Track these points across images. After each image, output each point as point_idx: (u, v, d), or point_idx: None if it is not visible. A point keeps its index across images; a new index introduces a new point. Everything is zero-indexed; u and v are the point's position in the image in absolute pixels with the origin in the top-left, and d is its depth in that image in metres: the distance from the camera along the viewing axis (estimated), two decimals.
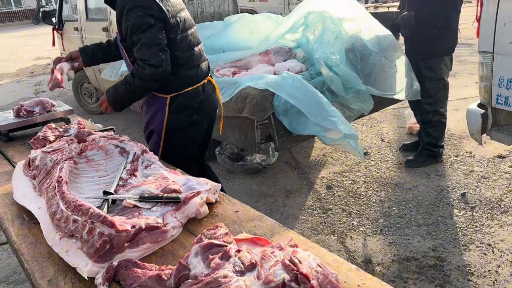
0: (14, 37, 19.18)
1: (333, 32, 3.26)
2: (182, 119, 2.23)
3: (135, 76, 2.04)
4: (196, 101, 2.24)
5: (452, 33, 3.50)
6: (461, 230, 2.85)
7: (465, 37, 9.24)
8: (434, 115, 3.66)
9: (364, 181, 3.63)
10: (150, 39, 1.97)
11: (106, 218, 1.27)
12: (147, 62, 1.98)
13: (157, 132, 2.27)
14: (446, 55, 3.55)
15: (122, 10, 2.03)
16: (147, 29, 1.97)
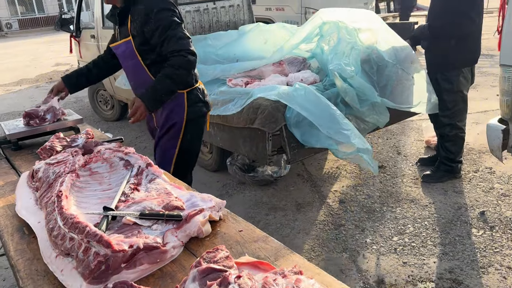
0: (36, 43, 19.58)
1: (349, 42, 3.19)
2: (197, 111, 2.45)
3: (177, 67, 2.20)
4: (204, 95, 2.50)
5: (472, 44, 3.37)
6: (480, 251, 2.72)
7: (486, 47, 9.09)
8: (452, 129, 3.54)
9: (378, 196, 3.52)
10: (183, 33, 2.24)
11: (102, 238, 1.22)
12: (187, 51, 2.21)
13: (178, 125, 2.42)
14: (464, 67, 3.42)
15: (148, 14, 2.22)
16: (178, 26, 2.23)
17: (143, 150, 5.04)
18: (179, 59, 2.20)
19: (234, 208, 3.50)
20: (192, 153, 2.53)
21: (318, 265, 2.69)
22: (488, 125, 2.99)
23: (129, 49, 2.33)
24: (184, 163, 2.49)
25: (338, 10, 3.57)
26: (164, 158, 2.47)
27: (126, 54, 2.37)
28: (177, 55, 2.20)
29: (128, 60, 2.38)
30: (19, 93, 9.04)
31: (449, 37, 3.31)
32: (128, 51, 2.34)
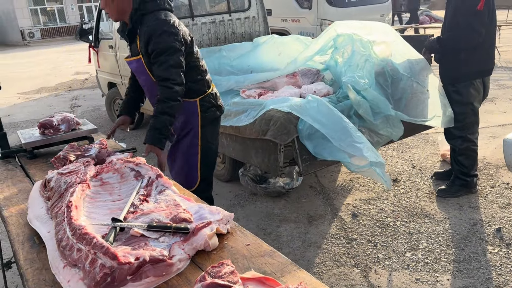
0: (57, 52, 20.04)
1: (363, 55, 3.18)
2: (210, 116, 2.56)
3: (167, 100, 2.25)
4: (216, 99, 2.60)
5: (482, 55, 3.32)
6: (495, 269, 2.65)
7: (505, 60, 8.97)
8: (463, 142, 3.49)
9: (392, 210, 3.47)
10: (176, 61, 2.27)
11: (109, 250, 1.22)
12: (173, 81, 2.25)
13: (194, 130, 2.54)
14: (475, 79, 3.36)
15: (151, 36, 2.26)
16: (175, 53, 2.26)
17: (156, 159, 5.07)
18: (166, 91, 2.24)
19: (245, 219, 3.49)
20: (213, 154, 2.66)
21: (329, 280, 2.67)
22: (505, 140, 2.93)
23: (140, 66, 2.40)
24: (206, 165, 2.63)
25: (352, 23, 3.56)
26: (189, 165, 2.59)
27: (138, 70, 2.46)
28: (163, 86, 2.25)
29: (141, 75, 2.47)
30: (39, 101, 9.24)
31: (457, 49, 3.28)
32: (139, 68, 2.42)
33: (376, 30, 3.55)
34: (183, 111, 2.47)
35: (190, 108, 2.49)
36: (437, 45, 3.38)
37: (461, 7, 3.17)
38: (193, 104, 2.50)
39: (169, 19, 2.30)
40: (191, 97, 2.47)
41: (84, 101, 8.82)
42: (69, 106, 8.49)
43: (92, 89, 9.87)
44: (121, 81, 5.89)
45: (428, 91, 3.40)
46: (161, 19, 2.28)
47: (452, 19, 3.24)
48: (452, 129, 3.50)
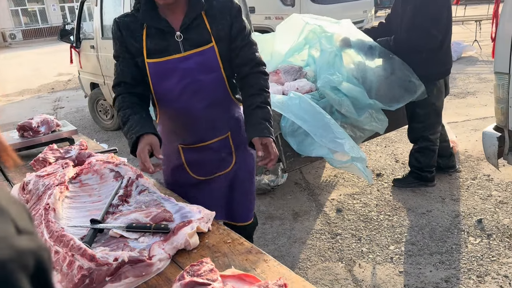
0: (39, 53, 19.75)
1: (330, 52, 3.19)
2: None
3: (268, 90, 1.79)
4: None
5: (442, 57, 3.39)
6: (476, 259, 2.70)
7: (486, 54, 9.11)
8: (423, 141, 3.56)
9: (376, 204, 3.51)
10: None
11: (86, 251, 1.22)
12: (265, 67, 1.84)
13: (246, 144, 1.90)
14: (438, 79, 3.43)
15: (239, 10, 1.76)
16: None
17: None
18: (264, 79, 1.80)
19: None
20: None
21: (314, 275, 2.69)
22: (484, 133, 2.99)
23: (211, 58, 1.72)
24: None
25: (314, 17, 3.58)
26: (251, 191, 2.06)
27: (204, 67, 1.72)
28: (261, 72, 1.78)
29: (205, 74, 1.73)
30: (21, 103, 9.10)
31: (415, 51, 3.31)
32: (208, 61, 1.72)
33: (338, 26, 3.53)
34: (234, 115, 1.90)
35: (235, 109, 1.93)
36: (393, 44, 3.37)
37: (421, 10, 3.19)
38: (237, 106, 1.93)
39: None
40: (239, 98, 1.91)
41: (67, 103, 8.71)
42: (52, 107, 8.38)
43: (75, 90, 9.75)
44: (104, 81, 5.84)
45: (392, 73, 3.38)
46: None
47: (410, 19, 3.24)
48: (414, 128, 3.58)
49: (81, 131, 3.73)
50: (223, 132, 1.88)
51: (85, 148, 2.29)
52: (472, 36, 10.17)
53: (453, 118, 5.35)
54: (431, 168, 3.62)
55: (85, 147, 2.30)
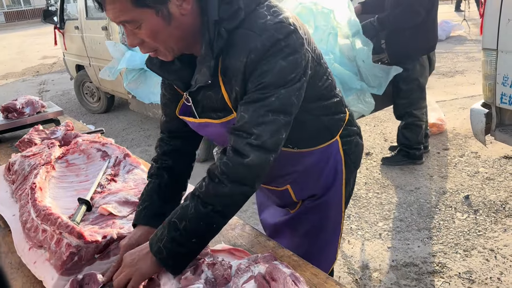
0: (22, 36, 19.31)
1: (325, 30, 3.15)
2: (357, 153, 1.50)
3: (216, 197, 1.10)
4: (355, 123, 1.50)
5: (427, 32, 3.40)
6: (463, 234, 2.75)
7: (474, 33, 9.12)
8: (409, 117, 3.59)
9: (364, 182, 3.53)
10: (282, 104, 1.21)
11: (74, 229, 1.20)
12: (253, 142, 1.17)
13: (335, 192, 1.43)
14: (421, 55, 3.46)
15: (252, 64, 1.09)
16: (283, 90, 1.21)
17: (130, 142, 5.01)
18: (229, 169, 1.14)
19: None
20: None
21: None
22: (472, 109, 3.00)
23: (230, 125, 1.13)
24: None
25: None
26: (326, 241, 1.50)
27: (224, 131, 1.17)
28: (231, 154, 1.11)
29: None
30: (5, 87, 8.93)
31: (399, 29, 3.33)
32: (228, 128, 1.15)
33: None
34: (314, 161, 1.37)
35: (324, 156, 1.38)
36: (377, 25, 3.37)
37: None
38: (330, 148, 1.38)
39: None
40: (326, 139, 1.36)
41: (52, 86, 8.56)
42: (37, 91, 8.23)
43: (61, 73, 9.58)
44: (89, 63, 5.74)
45: (364, 61, 3.37)
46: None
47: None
48: (399, 105, 3.61)
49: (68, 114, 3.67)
50: (281, 185, 1.44)
51: (71, 129, 2.25)
52: (460, 15, 10.17)
53: (441, 96, 5.38)
54: (419, 145, 3.65)
55: (71, 128, 2.26)
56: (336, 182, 1.42)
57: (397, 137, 3.78)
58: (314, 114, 1.29)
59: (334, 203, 1.44)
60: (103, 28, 5.01)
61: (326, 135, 1.36)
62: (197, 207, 1.06)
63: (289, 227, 1.52)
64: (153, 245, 1.08)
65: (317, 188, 1.42)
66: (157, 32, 1.03)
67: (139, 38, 1.06)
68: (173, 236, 1.06)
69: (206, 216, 1.06)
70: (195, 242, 1.08)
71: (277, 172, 1.38)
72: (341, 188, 1.43)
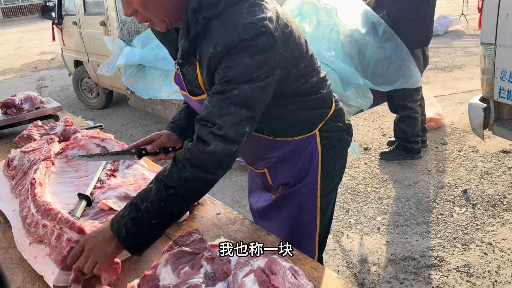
0: (20, 31, 19.23)
1: (328, 25, 3.16)
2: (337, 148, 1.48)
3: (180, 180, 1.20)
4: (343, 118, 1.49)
5: (424, 26, 3.42)
6: (462, 228, 2.76)
7: (472, 28, 9.12)
8: (403, 109, 3.61)
9: (363, 177, 3.54)
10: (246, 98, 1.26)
11: (74, 224, 1.21)
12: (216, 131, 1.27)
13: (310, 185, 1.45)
14: (417, 48, 3.48)
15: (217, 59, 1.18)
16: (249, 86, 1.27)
17: (129, 138, 5.01)
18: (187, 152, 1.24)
19: (220, 192, 3.51)
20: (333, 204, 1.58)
21: None
22: (470, 104, 3.01)
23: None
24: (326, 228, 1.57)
25: None
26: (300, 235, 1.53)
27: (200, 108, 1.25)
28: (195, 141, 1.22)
29: None
30: (3, 82, 8.91)
31: (405, 20, 3.34)
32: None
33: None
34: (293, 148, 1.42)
35: (300, 147, 1.41)
36: (387, 19, 3.40)
37: None
38: (307, 141, 1.41)
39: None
40: (303, 132, 1.39)
41: (51, 82, 8.55)
42: (36, 87, 8.22)
43: (59, 69, 9.56)
44: (87, 58, 5.72)
45: (392, 55, 3.41)
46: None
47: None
48: (393, 98, 3.61)
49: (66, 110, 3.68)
50: (259, 168, 1.53)
51: (70, 125, 2.25)
52: (459, 10, 10.15)
53: (439, 91, 5.38)
54: (416, 138, 3.66)
55: (70, 124, 2.26)
56: (310, 174, 1.44)
57: (394, 131, 3.79)
58: (291, 108, 1.33)
59: (308, 194, 1.46)
60: (101, 23, 4.99)
61: (303, 128, 1.39)
62: (159, 189, 1.12)
63: (272, 211, 1.57)
64: (114, 224, 1.12)
65: (291, 176, 1.46)
66: (148, 3, 1.11)
67: (133, 7, 1.13)
68: (133, 216, 1.11)
69: (167, 199, 1.12)
70: (155, 224, 1.13)
71: (256, 155, 1.49)
72: (315, 181, 1.44)
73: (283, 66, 1.18)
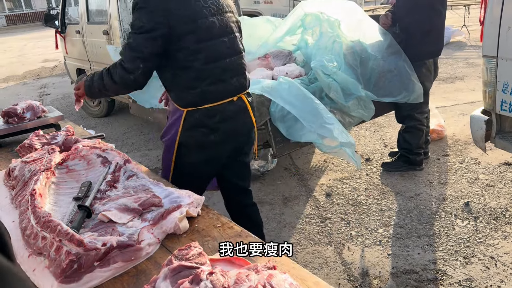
0: (24, 39, 19.33)
1: (330, 37, 3.18)
2: (196, 136, 1.97)
3: (109, 73, 1.93)
4: (214, 120, 1.93)
5: (435, 36, 3.43)
6: (463, 241, 2.75)
7: (474, 39, 9.15)
8: (410, 120, 3.60)
9: (364, 188, 3.53)
10: (137, 43, 1.81)
11: (74, 236, 1.20)
12: (123, 63, 1.86)
13: (169, 145, 2.05)
14: (428, 59, 3.48)
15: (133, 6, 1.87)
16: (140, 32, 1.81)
17: (130, 146, 5.01)
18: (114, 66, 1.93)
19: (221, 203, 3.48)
20: (189, 181, 1.94)
21: (304, 258, 2.71)
22: (472, 116, 3.00)
23: None
24: (181, 184, 1.82)
25: (319, 1, 3.55)
26: (163, 169, 2.15)
27: None
28: (116, 62, 1.92)
29: None
30: (6, 90, 8.93)
31: (418, 31, 3.35)
32: None
33: (343, 9, 3.54)
34: (173, 114, 2.01)
35: (177, 114, 1.99)
36: (400, 32, 3.42)
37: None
38: (175, 110, 2.00)
39: None
40: (178, 104, 1.96)
41: (53, 89, 8.57)
42: (38, 94, 8.24)
43: (62, 76, 9.59)
44: (90, 67, 5.75)
45: (396, 68, 3.42)
46: None
47: (413, 1, 3.27)
48: (401, 108, 3.60)
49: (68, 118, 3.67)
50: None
51: (71, 134, 2.25)
52: (460, 21, 10.20)
53: (441, 102, 5.39)
54: (419, 150, 3.65)
55: (71, 133, 2.26)
56: (171, 138, 2.03)
57: (398, 142, 3.78)
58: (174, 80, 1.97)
59: (167, 151, 2.08)
60: (104, 32, 5.02)
61: (181, 101, 1.96)
62: (103, 70, 1.96)
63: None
64: (85, 79, 2.03)
65: (164, 132, 2.09)
66: None
67: None
68: (90, 77, 2.00)
69: (102, 73, 1.95)
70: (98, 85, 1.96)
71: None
72: (173, 145, 2.03)
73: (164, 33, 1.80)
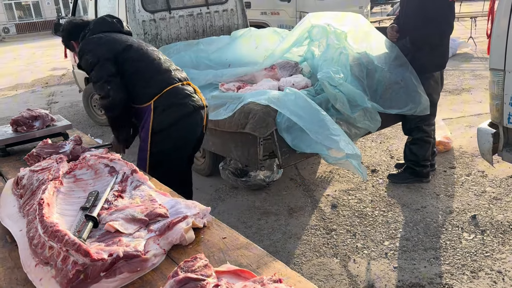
0: (33, 47, 19.56)
1: (337, 48, 3.19)
2: (169, 116, 2.40)
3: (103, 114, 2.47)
4: (178, 96, 2.43)
5: (443, 49, 3.44)
6: (470, 255, 2.72)
7: (481, 50, 9.14)
8: (418, 132, 3.59)
9: (370, 200, 3.52)
10: (96, 75, 2.38)
11: (81, 246, 1.21)
12: (99, 97, 2.43)
13: (144, 138, 2.46)
14: (435, 71, 3.48)
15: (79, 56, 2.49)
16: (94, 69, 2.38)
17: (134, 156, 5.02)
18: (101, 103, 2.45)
19: (226, 213, 3.49)
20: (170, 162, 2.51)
21: (309, 270, 2.69)
22: (479, 129, 2.99)
23: None
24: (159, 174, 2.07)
25: (326, 13, 3.57)
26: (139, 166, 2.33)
27: None
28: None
29: None
30: (15, 97, 9.03)
31: (427, 44, 3.35)
32: None
33: (350, 21, 3.56)
34: (140, 118, 2.48)
35: (142, 114, 2.45)
36: (410, 45, 3.42)
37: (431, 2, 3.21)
38: (144, 109, 2.43)
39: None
40: (142, 102, 2.43)
41: (61, 97, 8.65)
42: (46, 102, 8.32)
43: (70, 85, 9.68)
44: None
45: (402, 80, 3.43)
46: None
47: (420, 11, 3.27)
48: (409, 120, 3.59)
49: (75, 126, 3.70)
50: None
51: (79, 143, 2.27)
52: (467, 33, 10.20)
53: (448, 114, 5.37)
54: (426, 162, 3.64)
55: (79, 142, 2.28)
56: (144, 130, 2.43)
57: (404, 154, 3.76)
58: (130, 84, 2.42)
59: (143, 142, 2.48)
60: None
61: (143, 98, 2.42)
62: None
63: None
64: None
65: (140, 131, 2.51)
66: None
67: None
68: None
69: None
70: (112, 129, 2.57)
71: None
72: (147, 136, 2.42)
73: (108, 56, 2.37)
